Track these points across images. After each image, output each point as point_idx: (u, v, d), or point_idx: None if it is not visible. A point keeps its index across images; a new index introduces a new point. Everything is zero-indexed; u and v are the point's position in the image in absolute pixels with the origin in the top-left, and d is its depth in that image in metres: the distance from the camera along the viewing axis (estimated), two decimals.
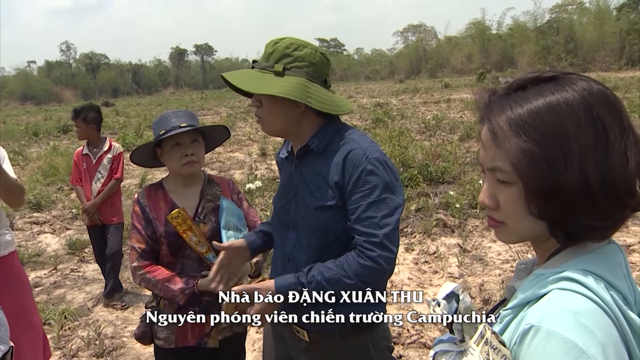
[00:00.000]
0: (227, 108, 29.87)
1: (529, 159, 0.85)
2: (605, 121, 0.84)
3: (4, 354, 1.62)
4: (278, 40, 1.75)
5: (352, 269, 1.62)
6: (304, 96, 1.68)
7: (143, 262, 2.29)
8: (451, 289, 1.00)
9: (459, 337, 0.96)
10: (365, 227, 1.64)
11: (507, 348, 0.88)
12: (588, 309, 0.81)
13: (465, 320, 0.95)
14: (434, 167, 8.42)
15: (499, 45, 66.14)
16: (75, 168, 4.95)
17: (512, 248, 5.56)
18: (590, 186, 0.83)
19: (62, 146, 16.05)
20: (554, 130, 0.84)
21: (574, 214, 0.86)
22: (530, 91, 0.90)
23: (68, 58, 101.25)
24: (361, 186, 1.66)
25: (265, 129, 1.81)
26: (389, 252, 1.63)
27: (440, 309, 1.00)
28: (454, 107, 21.13)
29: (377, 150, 1.74)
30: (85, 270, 6.01)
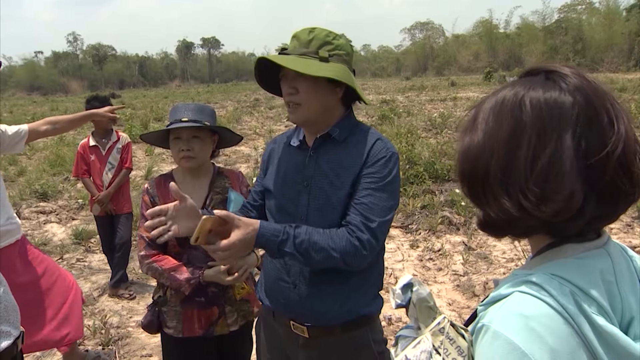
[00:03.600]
0: (234, 102, 29.88)
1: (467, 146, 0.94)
2: (525, 129, 0.86)
3: (15, 339, 1.65)
4: (312, 29, 1.74)
5: (340, 244, 1.61)
6: (352, 82, 1.71)
7: (151, 251, 2.31)
8: (407, 280, 1.08)
9: (416, 325, 1.02)
10: (365, 210, 1.65)
11: (465, 340, 0.92)
12: (541, 313, 0.81)
13: (419, 310, 1.03)
14: (440, 165, 8.41)
15: (506, 44, 65.97)
16: (80, 160, 4.96)
17: (517, 247, 5.57)
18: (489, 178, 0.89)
19: (68, 136, 16.08)
20: (490, 127, 0.91)
21: (481, 203, 0.93)
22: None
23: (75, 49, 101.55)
24: (375, 172, 1.69)
25: (300, 117, 1.76)
26: (376, 240, 1.65)
27: (396, 297, 1.09)
28: (461, 105, 21.08)
29: (394, 148, 1.79)
30: (91, 260, 6.04)
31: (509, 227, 0.91)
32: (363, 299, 1.82)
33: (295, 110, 1.75)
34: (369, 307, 1.85)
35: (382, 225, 1.66)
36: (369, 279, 1.85)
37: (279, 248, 1.59)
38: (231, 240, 1.50)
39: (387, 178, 1.69)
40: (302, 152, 1.85)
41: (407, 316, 1.05)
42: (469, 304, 4.44)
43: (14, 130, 2.99)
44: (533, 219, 0.86)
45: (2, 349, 1.56)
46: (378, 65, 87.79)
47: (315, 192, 1.77)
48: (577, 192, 0.83)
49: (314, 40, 1.72)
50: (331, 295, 1.77)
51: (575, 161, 0.83)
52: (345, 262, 1.62)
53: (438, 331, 0.94)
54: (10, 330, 1.62)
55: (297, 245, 1.59)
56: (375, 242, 1.64)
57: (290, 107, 1.76)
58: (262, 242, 1.58)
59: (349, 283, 1.78)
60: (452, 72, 62.22)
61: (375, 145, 1.74)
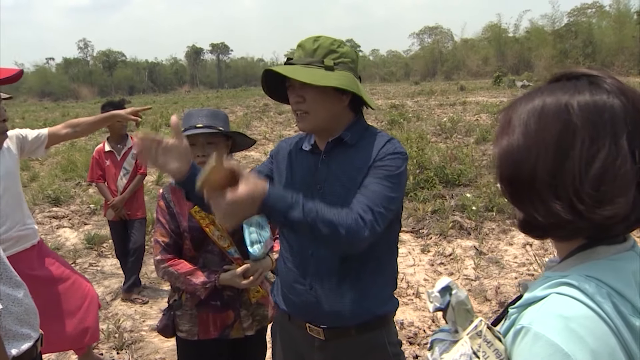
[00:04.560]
0: (243, 107, 29.98)
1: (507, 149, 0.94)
2: (577, 132, 0.86)
3: (35, 341, 1.67)
4: (317, 37, 1.77)
5: (346, 221, 1.56)
6: (358, 89, 1.73)
7: (166, 256, 2.33)
8: (446, 283, 1.07)
9: (453, 328, 1.02)
10: (370, 194, 1.65)
11: (502, 343, 0.92)
12: (581, 315, 0.82)
13: (457, 313, 1.02)
14: (450, 170, 8.40)
15: (515, 48, 65.72)
16: (95, 165, 5.02)
17: (529, 251, 5.55)
18: (535, 182, 0.89)
19: (80, 142, 16.19)
20: (532, 131, 0.91)
21: (525, 205, 0.93)
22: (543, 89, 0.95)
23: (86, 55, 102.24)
24: (383, 165, 1.71)
25: (308, 124, 1.79)
26: (378, 225, 1.62)
27: (435, 300, 1.08)
28: (470, 109, 21.02)
29: (404, 149, 1.81)
30: (103, 265, 6.09)
31: (556, 230, 0.91)
32: (378, 300, 1.84)
33: (303, 119, 1.78)
34: (384, 307, 1.86)
35: (385, 212, 1.65)
36: (385, 279, 1.87)
37: (287, 214, 1.49)
38: (239, 193, 1.37)
39: (394, 172, 1.71)
40: (314, 156, 1.87)
41: (444, 319, 1.05)
42: (481, 308, 4.43)
43: (34, 135, 3.03)
44: (585, 222, 0.86)
45: (22, 351, 1.58)
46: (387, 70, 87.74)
47: (328, 195, 1.79)
48: (631, 195, 0.84)
49: (319, 49, 1.74)
50: (347, 296, 1.78)
51: (630, 164, 0.84)
52: (348, 241, 1.57)
53: (475, 334, 0.93)
54: (30, 332, 1.65)
55: (306, 213, 1.50)
56: (377, 227, 1.62)
57: (298, 115, 1.79)
58: (270, 204, 1.45)
59: (364, 283, 1.79)
60: (461, 77, 62.10)
61: (386, 145, 1.77)
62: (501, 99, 24.28)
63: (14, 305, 1.56)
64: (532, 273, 5.01)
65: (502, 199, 6.78)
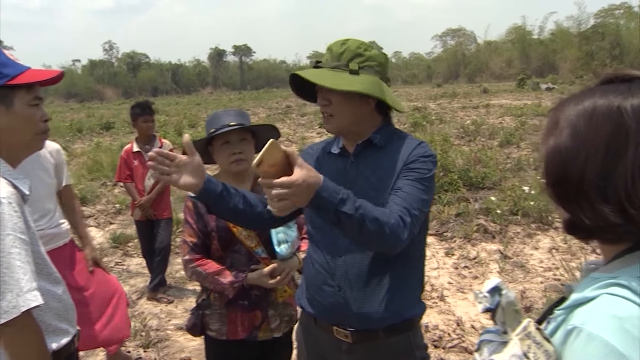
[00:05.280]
0: (265, 109, 30.13)
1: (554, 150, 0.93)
2: (630, 135, 0.85)
3: (72, 337, 1.71)
4: (345, 41, 1.79)
5: (390, 220, 1.57)
6: (381, 93, 1.73)
7: (194, 256, 2.35)
8: (495, 284, 1.06)
9: (502, 329, 1.01)
10: (406, 197, 1.66)
11: (551, 344, 0.91)
12: (635, 315, 0.81)
13: (507, 313, 1.01)
14: (474, 173, 8.35)
15: (539, 50, 65.03)
16: (124, 165, 5.09)
17: (555, 256, 5.49)
18: (583, 184, 0.88)
19: (105, 143, 16.43)
20: (581, 132, 0.90)
21: (571, 207, 0.92)
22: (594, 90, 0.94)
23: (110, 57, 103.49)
24: (415, 168, 1.73)
25: (333, 127, 1.82)
26: (414, 228, 1.65)
27: (485, 301, 1.07)
28: (493, 112, 20.87)
29: (433, 152, 1.83)
30: (129, 264, 6.17)
31: (603, 232, 0.90)
32: (406, 303, 1.83)
33: (329, 121, 1.82)
34: (412, 310, 1.86)
35: (420, 214, 1.68)
36: (412, 281, 1.87)
37: (337, 208, 1.47)
38: (294, 177, 1.37)
39: (425, 175, 1.73)
40: (343, 159, 1.89)
41: (493, 320, 1.04)
42: None
43: (65, 171, 3.24)
44: (634, 226, 0.85)
45: (61, 346, 1.62)
46: (409, 72, 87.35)
47: (358, 197, 1.79)
48: None
49: (345, 53, 1.76)
50: (376, 298, 1.78)
51: None
52: (391, 241, 1.58)
53: (525, 335, 0.93)
54: (69, 328, 1.68)
55: (356, 209, 1.49)
56: (413, 229, 1.64)
57: (325, 117, 1.83)
58: (323, 196, 1.44)
59: (393, 285, 1.79)
60: (484, 79, 61.55)
61: (416, 149, 1.78)
62: (525, 102, 24.05)
63: (53, 300, 1.60)
64: (559, 278, 4.95)
65: (527, 203, 6.73)
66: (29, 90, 1.60)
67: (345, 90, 1.70)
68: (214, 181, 1.70)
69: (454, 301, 4.70)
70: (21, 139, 1.61)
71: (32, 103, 1.61)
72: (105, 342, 3.24)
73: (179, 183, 1.62)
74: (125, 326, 3.29)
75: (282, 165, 1.38)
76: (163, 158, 1.60)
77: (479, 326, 4.16)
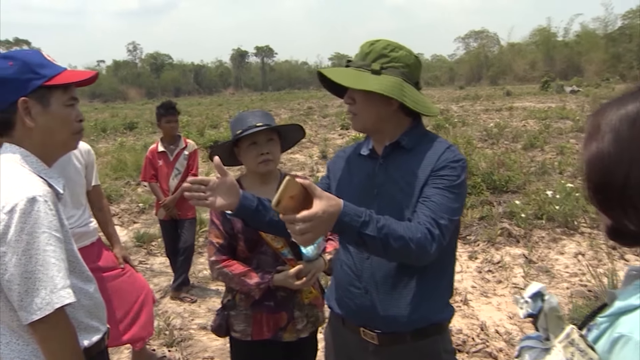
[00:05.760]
0: (287, 110, 30.21)
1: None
2: None
3: (103, 334, 1.73)
4: (374, 41, 1.80)
5: (415, 235, 1.56)
6: (400, 94, 1.72)
7: (221, 257, 2.36)
8: (537, 289, 1.04)
9: (544, 336, 0.99)
10: (434, 207, 1.65)
11: (595, 353, 0.89)
12: None
13: (549, 320, 0.99)
14: (498, 176, 8.26)
15: (564, 52, 64.25)
16: (149, 165, 5.14)
17: (582, 261, 5.41)
18: (627, 190, 0.87)
19: (129, 142, 16.62)
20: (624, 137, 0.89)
21: (615, 213, 0.90)
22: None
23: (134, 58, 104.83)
24: (444, 175, 1.71)
25: (357, 125, 1.85)
26: (444, 239, 1.63)
27: (526, 306, 1.05)
28: (517, 115, 20.65)
29: (463, 156, 1.81)
30: (152, 263, 6.22)
31: None
32: (435, 306, 1.82)
33: (353, 119, 1.84)
34: (440, 315, 1.85)
35: (450, 224, 1.66)
36: (441, 285, 1.86)
37: (360, 230, 1.48)
38: (314, 210, 1.38)
39: (455, 181, 1.71)
40: (371, 160, 1.88)
41: (534, 326, 1.03)
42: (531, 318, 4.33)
43: (94, 172, 3.34)
44: None
45: (92, 343, 1.64)
46: (431, 74, 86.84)
47: (385, 199, 1.79)
48: None
49: (371, 53, 1.77)
50: (403, 301, 1.77)
51: None
52: (418, 255, 1.59)
53: (568, 342, 0.91)
54: (99, 326, 1.70)
55: (379, 229, 1.50)
56: (442, 241, 1.62)
57: (351, 115, 1.85)
58: (345, 222, 1.46)
59: (421, 289, 1.78)
60: (507, 82, 61.00)
61: (445, 153, 1.76)
62: (549, 105, 23.77)
63: (85, 298, 1.62)
64: (585, 284, 4.87)
65: (552, 207, 6.64)
66: (65, 91, 1.63)
67: (360, 89, 1.72)
68: (249, 197, 1.77)
69: (477, 305, 4.65)
70: (57, 139, 1.64)
71: (68, 103, 1.64)
72: (130, 340, 3.28)
73: (215, 205, 1.69)
74: (150, 324, 3.33)
75: (301, 197, 1.40)
76: (197, 185, 1.68)
77: (503, 331, 4.12)
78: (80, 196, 3.12)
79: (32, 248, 1.41)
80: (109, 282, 3.07)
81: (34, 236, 1.41)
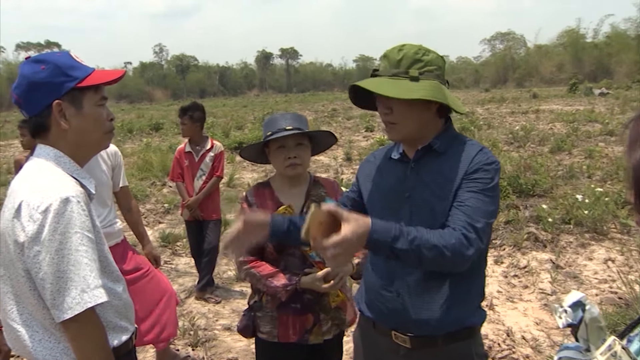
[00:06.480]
0: (312, 112, 30.24)
1: None
2: None
3: (131, 334, 1.74)
4: (401, 47, 1.76)
5: (450, 241, 1.55)
6: (444, 97, 1.71)
7: (249, 258, 2.37)
8: (578, 298, 1.01)
9: (584, 346, 0.96)
10: (469, 211, 1.63)
11: None
12: None
13: (590, 330, 0.96)
14: (524, 179, 8.15)
15: (593, 54, 63.20)
16: (176, 164, 5.18)
17: (611, 267, 5.30)
18: None
19: (154, 143, 16.79)
20: None
21: None
22: None
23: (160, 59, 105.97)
24: (477, 178, 1.69)
25: (398, 134, 1.81)
26: (481, 242, 1.62)
27: (566, 316, 1.01)
28: (544, 118, 20.37)
29: (496, 158, 1.78)
30: (177, 263, 6.27)
31: None
32: (467, 310, 1.81)
33: (392, 129, 1.80)
34: (472, 318, 1.83)
35: (486, 227, 1.65)
36: (473, 288, 1.84)
37: (392, 245, 1.51)
38: (343, 234, 1.41)
39: (489, 184, 1.69)
40: (403, 164, 1.87)
41: (574, 336, 1.00)
42: None
43: (121, 173, 3.40)
44: None
45: (121, 343, 1.65)
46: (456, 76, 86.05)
47: (417, 203, 1.78)
48: None
49: (403, 60, 1.73)
50: (435, 305, 1.76)
51: None
52: (454, 262, 1.58)
53: (611, 355, 0.89)
54: (128, 326, 1.72)
55: (410, 242, 1.52)
56: (480, 244, 1.61)
57: (387, 126, 1.81)
58: (375, 239, 1.49)
59: (453, 292, 1.77)
60: (534, 84, 60.21)
61: (478, 155, 1.74)
62: (577, 107, 23.42)
63: (114, 298, 1.63)
64: (615, 291, 4.77)
65: (581, 212, 6.53)
66: (96, 91, 1.65)
67: (409, 98, 1.68)
68: (279, 220, 1.85)
69: (503, 310, 4.60)
70: (91, 139, 1.66)
71: (99, 103, 1.66)
72: (152, 341, 3.30)
73: (252, 244, 1.86)
74: (172, 325, 3.35)
75: (330, 222, 1.44)
76: (233, 242, 1.80)
77: (529, 337, 4.06)
78: (105, 197, 3.15)
79: (64, 248, 1.42)
80: (133, 284, 3.10)
81: (67, 236, 1.43)
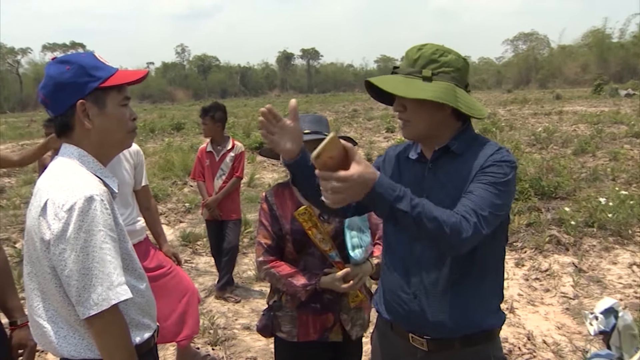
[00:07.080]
0: (332, 112, 30.24)
1: None
2: None
3: (154, 332, 1.77)
4: (421, 46, 1.76)
5: (450, 219, 1.53)
6: (454, 100, 1.69)
7: (268, 257, 2.38)
8: (610, 304, 0.99)
9: (617, 354, 0.95)
10: (475, 199, 1.61)
11: None
12: None
13: (623, 338, 0.95)
14: (547, 181, 8.06)
15: (619, 54, 62.21)
16: (198, 164, 5.23)
17: (636, 272, 5.21)
18: None
19: (176, 143, 16.94)
20: None
21: None
22: None
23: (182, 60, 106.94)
24: (489, 172, 1.67)
25: (410, 133, 1.81)
26: (482, 228, 1.57)
27: (597, 323, 1.00)
28: (567, 119, 20.11)
29: (514, 157, 1.76)
30: (197, 262, 6.32)
31: None
32: (484, 312, 1.80)
33: (405, 127, 1.80)
34: (490, 321, 1.82)
35: (491, 216, 1.60)
36: (491, 291, 1.83)
37: (393, 204, 1.47)
38: (351, 172, 1.38)
39: (500, 179, 1.66)
40: (420, 164, 1.86)
41: (606, 343, 0.99)
42: (580, 329, 4.19)
43: (143, 172, 3.40)
44: None
45: (143, 340, 1.68)
46: (478, 77, 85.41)
47: (434, 203, 1.77)
48: None
49: (419, 59, 1.73)
50: (452, 307, 1.75)
51: None
52: (451, 241, 1.54)
53: None
54: (150, 323, 1.74)
55: (412, 207, 1.49)
56: (480, 229, 1.57)
57: (402, 123, 1.81)
58: (379, 192, 1.45)
59: (470, 295, 1.76)
60: (557, 85, 59.50)
61: (494, 154, 1.72)
62: (602, 109, 23.08)
63: (137, 296, 1.66)
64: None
65: (605, 215, 6.43)
66: (120, 91, 1.68)
67: (414, 98, 1.68)
68: (309, 153, 1.72)
69: (524, 314, 4.55)
70: (114, 138, 1.69)
71: (122, 103, 1.68)
72: (174, 339, 3.33)
73: (279, 146, 1.69)
74: (195, 324, 3.38)
75: (341, 159, 1.40)
76: (272, 116, 1.68)
77: (551, 342, 4.01)
78: (128, 195, 3.20)
79: (89, 245, 1.45)
80: (155, 281, 3.14)
81: (91, 234, 1.46)
